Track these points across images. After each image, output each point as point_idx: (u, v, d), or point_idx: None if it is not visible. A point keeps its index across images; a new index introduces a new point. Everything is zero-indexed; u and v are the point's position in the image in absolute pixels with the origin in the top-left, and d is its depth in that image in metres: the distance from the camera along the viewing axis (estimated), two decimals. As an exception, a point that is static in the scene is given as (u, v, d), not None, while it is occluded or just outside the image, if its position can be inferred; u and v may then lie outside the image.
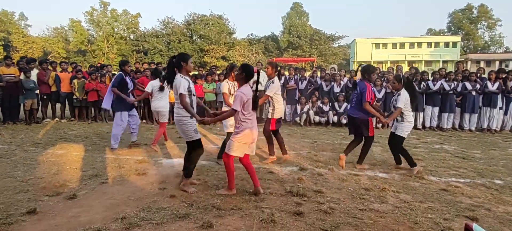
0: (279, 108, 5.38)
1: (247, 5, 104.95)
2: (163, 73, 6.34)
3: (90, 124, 9.43)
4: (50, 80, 9.59)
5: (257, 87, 3.78)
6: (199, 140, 3.98)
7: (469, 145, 7.17)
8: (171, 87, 3.90)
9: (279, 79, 5.98)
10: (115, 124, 6.05)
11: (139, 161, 5.27)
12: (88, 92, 9.63)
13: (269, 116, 5.38)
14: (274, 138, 5.50)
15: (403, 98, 4.89)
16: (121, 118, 6.05)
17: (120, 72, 6.14)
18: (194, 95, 3.97)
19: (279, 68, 5.66)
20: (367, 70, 5.16)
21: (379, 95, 9.08)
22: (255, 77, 3.83)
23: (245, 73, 3.70)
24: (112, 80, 6.17)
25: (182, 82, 3.76)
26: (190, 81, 3.93)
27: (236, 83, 4.51)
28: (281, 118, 5.54)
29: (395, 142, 5.08)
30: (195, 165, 4.05)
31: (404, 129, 5.00)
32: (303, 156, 5.79)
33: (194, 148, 3.97)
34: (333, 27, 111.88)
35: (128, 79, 6.16)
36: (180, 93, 3.73)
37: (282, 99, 5.48)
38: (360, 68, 5.33)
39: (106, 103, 6.05)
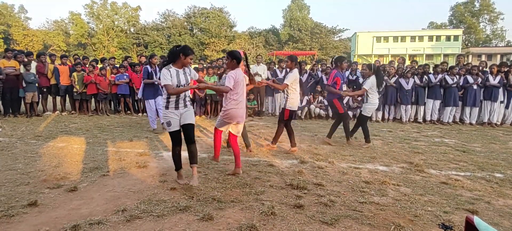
0: (293, 99, 5.45)
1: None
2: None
3: (91, 116, 9.43)
4: (49, 73, 9.58)
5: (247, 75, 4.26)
6: (174, 133, 3.83)
7: (469, 139, 7.17)
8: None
9: (300, 72, 6.92)
10: (147, 110, 7.46)
11: (140, 154, 5.28)
12: (87, 85, 9.61)
13: (283, 106, 5.53)
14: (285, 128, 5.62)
15: (369, 83, 5.94)
16: (148, 104, 7.34)
17: (147, 65, 7.36)
18: (182, 86, 3.80)
19: (299, 61, 5.96)
20: (338, 60, 6.33)
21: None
22: (255, 69, 3.96)
23: (235, 60, 4.05)
24: (144, 73, 7.30)
25: (164, 73, 3.66)
26: (180, 72, 3.77)
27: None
28: (295, 111, 5.64)
29: (360, 119, 6.18)
30: (175, 157, 3.91)
31: (367, 109, 6.06)
32: (304, 149, 5.80)
33: (171, 139, 3.89)
34: (334, 20, 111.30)
35: (152, 71, 7.24)
36: (165, 85, 3.66)
37: (298, 93, 5.58)
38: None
39: (140, 93, 7.59)
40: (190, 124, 3.87)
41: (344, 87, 6.34)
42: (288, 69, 5.62)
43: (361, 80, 9.53)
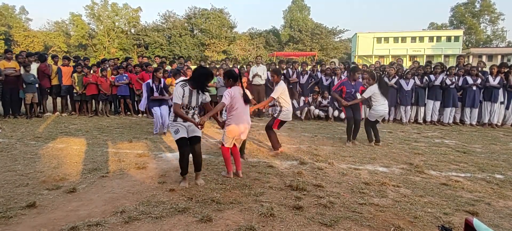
0: (286, 110, 5.43)
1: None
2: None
3: (91, 117, 9.43)
4: (52, 73, 9.61)
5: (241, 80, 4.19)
6: (181, 139, 3.78)
7: (470, 139, 7.15)
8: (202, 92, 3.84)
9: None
10: (154, 115, 7.26)
11: (139, 155, 5.27)
12: (86, 86, 9.60)
13: (275, 115, 5.50)
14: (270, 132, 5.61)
15: (369, 92, 6.20)
16: (154, 111, 7.18)
17: (148, 81, 7.32)
18: (192, 108, 3.87)
19: (283, 73, 6.06)
20: (353, 70, 6.54)
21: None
22: (254, 70, 3.94)
23: (231, 79, 4.11)
24: (145, 89, 7.27)
25: (178, 91, 3.69)
26: (193, 92, 3.79)
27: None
28: (286, 121, 5.65)
29: (365, 122, 6.53)
30: (183, 164, 3.84)
31: (371, 115, 6.37)
32: (303, 150, 5.78)
33: (178, 147, 3.86)
34: (335, 21, 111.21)
35: (154, 86, 7.18)
36: (174, 103, 3.70)
37: (290, 104, 5.55)
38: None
39: (142, 106, 7.57)
40: (196, 136, 3.91)
41: (358, 96, 6.38)
42: (274, 83, 5.57)
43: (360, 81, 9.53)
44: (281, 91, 5.35)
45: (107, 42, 48.49)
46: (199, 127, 3.80)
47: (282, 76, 5.76)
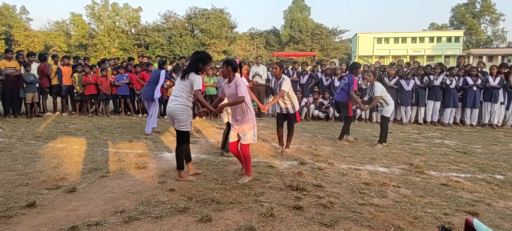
0: (296, 100, 5.68)
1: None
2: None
3: (91, 117, 9.43)
4: (52, 73, 9.61)
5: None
6: (189, 132, 4.20)
7: (470, 140, 7.14)
8: (182, 78, 4.01)
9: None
10: (153, 110, 7.12)
11: (139, 155, 5.27)
12: (85, 86, 9.59)
13: (291, 111, 5.61)
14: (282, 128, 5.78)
15: (379, 89, 6.12)
16: (155, 104, 7.13)
17: (163, 69, 7.28)
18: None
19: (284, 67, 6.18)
20: (354, 66, 6.55)
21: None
22: (255, 70, 3.97)
23: (231, 67, 4.03)
24: (163, 76, 7.16)
25: (198, 78, 3.96)
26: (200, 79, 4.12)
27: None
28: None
29: (382, 121, 6.38)
30: (183, 156, 4.19)
31: (387, 111, 6.28)
32: (303, 150, 5.78)
33: (183, 138, 4.11)
34: (335, 21, 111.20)
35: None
36: (198, 90, 3.94)
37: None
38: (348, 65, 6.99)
39: (157, 94, 7.08)
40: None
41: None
42: (272, 76, 5.73)
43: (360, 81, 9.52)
44: (289, 84, 5.51)
45: (107, 42, 48.51)
46: (213, 114, 4.15)
47: (283, 71, 5.90)
